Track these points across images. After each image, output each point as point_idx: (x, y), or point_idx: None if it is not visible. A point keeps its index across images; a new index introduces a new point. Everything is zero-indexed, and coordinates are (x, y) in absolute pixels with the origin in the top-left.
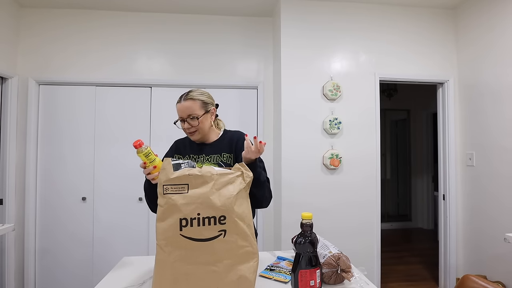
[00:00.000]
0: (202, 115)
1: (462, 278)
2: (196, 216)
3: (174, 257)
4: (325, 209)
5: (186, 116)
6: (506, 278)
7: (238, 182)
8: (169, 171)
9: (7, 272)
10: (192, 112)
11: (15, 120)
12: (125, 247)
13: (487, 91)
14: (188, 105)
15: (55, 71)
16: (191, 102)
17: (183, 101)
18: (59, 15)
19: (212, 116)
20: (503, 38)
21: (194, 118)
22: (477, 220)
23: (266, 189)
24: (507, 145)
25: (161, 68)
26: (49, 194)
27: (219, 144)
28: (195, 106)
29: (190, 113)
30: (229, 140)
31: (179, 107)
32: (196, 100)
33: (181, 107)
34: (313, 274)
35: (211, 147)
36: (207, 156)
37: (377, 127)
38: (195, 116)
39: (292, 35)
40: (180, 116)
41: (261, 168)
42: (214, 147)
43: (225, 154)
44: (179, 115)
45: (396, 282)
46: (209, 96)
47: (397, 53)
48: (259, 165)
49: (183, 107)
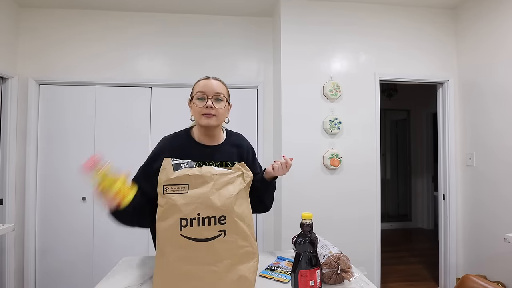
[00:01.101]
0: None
1: (462, 278)
2: (196, 216)
3: (174, 257)
4: (325, 209)
5: (213, 93)
6: (506, 278)
7: (238, 182)
8: (169, 171)
9: (7, 272)
10: (220, 91)
11: (15, 120)
12: (125, 247)
13: (487, 91)
14: (218, 84)
15: (55, 71)
16: (221, 84)
17: (212, 79)
18: (59, 15)
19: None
20: (503, 38)
21: (221, 100)
22: (477, 220)
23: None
24: (507, 145)
25: (161, 68)
26: (49, 194)
27: (226, 149)
28: (223, 88)
29: (219, 92)
30: (238, 147)
31: (206, 83)
32: (224, 85)
33: (210, 83)
34: (313, 274)
35: (219, 153)
36: (217, 163)
37: (377, 127)
38: (224, 97)
39: (292, 34)
40: (203, 91)
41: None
42: (222, 152)
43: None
44: (202, 89)
45: (396, 282)
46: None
47: (397, 53)
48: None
49: (212, 84)
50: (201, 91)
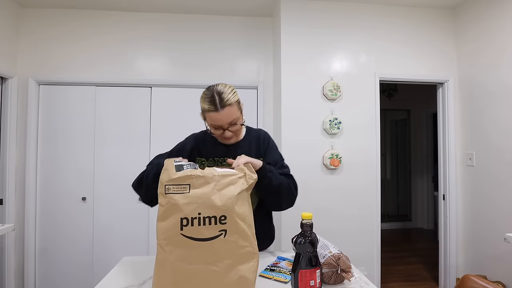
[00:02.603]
0: (241, 116)
1: (462, 278)
2: (197, 216)
3: (175, 257)
4: (325, 209)
5: (228, 124)
6: (506, 278)
7: (240, 183)
8: (171, 171)
9: (7, 272)
10: (233, 118)
11: (15, 120)
12: (125, 247)
13: (487, 91)
14: (228, 112)
15: (55, 71)
16: (230, 108)
17: (221, 110)
18: (59, 15)
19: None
20: (503, 38)
21: (236, 124)
22: (477, 220)
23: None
24: (507, 145)
25: (161, 68)
26: (49, 194)
27: (246, 146)
28: (234, 110)
29: (231, 121)
30: (257, 142)
31: (217, 116)
32: (233, 104)
33: (221, 116)
34: (313, 274)
35: (238, 149)
36: None
37: (377, 127)
38: (237, 121)
39: (292, 35)
40: (219, 125)
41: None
42: (241, 148)
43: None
44: (215, 124)
45: (396, 282)
46: (236, 91)
47: (397, 53)
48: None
49: (223, 116)
50: (215, 125)
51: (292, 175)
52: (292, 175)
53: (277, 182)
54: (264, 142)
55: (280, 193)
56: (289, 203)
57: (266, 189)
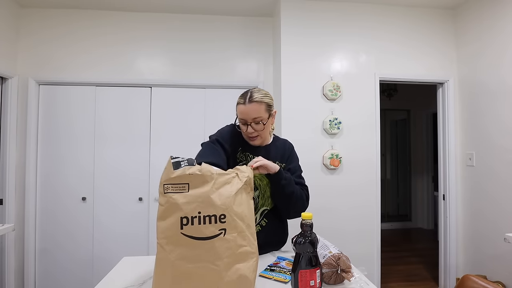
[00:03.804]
0: (267, 118)
1: (462, 278)
2: (197, 215)
3: (175, 256)
4: (325, 209)
5: (251, 119)
6: (506, 278)
7: (235, 182)
8: (169, 170)
9: (7, 272)
10: (258, 115)
11: (15, 120)
12: (125, 247)
13: (487, 91)
14: (254, 108)
15: (55, 71)
16: (257, 105)
17: (248, 104)
18: (59, 15)
19: (273, 120)
20: (503, 38)
21: (260, 123)
22: (477, 220)
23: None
24: (507, 145)
25: (161, 68)
26: (49, 194)
27: (272, 150)
28: (260, 109)
29: (255, 117)
30: (282, 148)
31: (243, 109)
32: (261, 103)
33: (246, 110)
34: (313, 274)
35: (266, 152)
36: None
37: (377, 127)
38: (261, 120)
39: (292, 35)
40: (243, 119)
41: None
42: (268, 151)
43: (278, 162)
44: (241, 117)
45: (396, 282)
46: (271, 98)
47: (397, 53)
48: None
49: (248, 109)
50: (241, 118)
51: (307, 188)
52: (307, 187)
53: (289, 190)
54: (289, 150)
55: (291, 201)
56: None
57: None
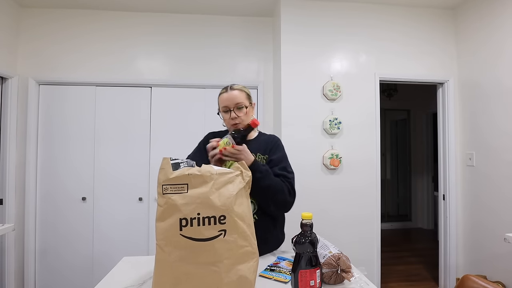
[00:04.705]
0: (248, 106)
1: (462, 278)
2: (196, 216)
3: (174, 257)
4: (325, 209)
5: (234, 105)
6: (506, 278)
7: (238, 182)
8: (168, 170)
9: (7, 272)
10: (240, 101)
11: (15, 120)
12: (125, 247)
13: (487, 91)
14: (236, 94)
15: (55, 71)
16: (239, 92)
17: (230, 90)
18: (59, 15)
19: (253, 111)
20: (503, 38)
21: (242, 108)
22: (477, 220)
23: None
24: (507, 144)
25: (161, 68)
26: (49, 194)
27: (254, 144)
28: (242, 96)
29: (238, 102)
30: (265, 142)
31: (227, 96)
32: (242, 91)
33: (229, 96)
34: (313, 274)
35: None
36: None
37: (377, 127)
38: (243, 105)
39: (292, 34)
40: (226, 106)
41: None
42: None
43: (260, 155)
44: (224, 104)
45: (396, 282)
46: (249, 90)
47: (397, 53)
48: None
49: (231, 95)
50: (224, 106)
51: (292, 180)
52: (291, 179)
53: (265, 183)
54: (272, 142)
55: (267, 195)
56: (280, 206)
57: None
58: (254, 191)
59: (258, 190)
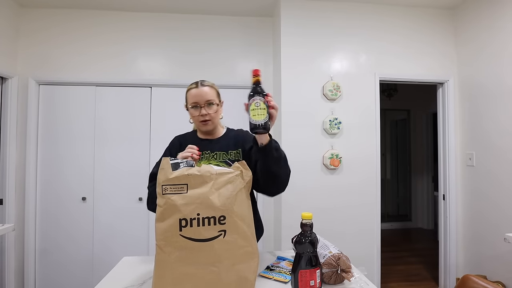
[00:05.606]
0: (219, 103)
1: (462, 278)
2: (196, 216)
3: (174, 258)
4: (325, 209)
5: (204, 101)
6: (506, 278)
7: (238, 182)
8: (167, 170)
9: (7, 272)
10: (211, 98)
11: (15, 120)
12: (125, 247)
13: (487, 91)
14: (207, 90)
15: (55, 71)
16: (209, 89)
17: (201, 86)
18: (59, 16)
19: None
20: (503, 38)
21: (213, 105)
22: (477, 220)
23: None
24: (507, 144)
25: (161, 68)
26: (49, 194)
27: (224, 141)
28: (213, 93)
29: (209, 99)
30: (235, 136)
31: (197, 92)
32: (213, 88)
33: (200, 92)
34: (313, 274)
35: (216, 144)
36: (213, 153)
37: (377, 127)
38: (214, 102)
39: (292, 35)
40: (196, 102)
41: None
42: (220, 143)
43: (232, 151)
44: (194, 100)
45: (396, 282)
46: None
47: (397, 53)
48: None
49: (202, 92)
50: (194, 102)
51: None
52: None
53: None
54: (242, 134)
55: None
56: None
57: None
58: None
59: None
